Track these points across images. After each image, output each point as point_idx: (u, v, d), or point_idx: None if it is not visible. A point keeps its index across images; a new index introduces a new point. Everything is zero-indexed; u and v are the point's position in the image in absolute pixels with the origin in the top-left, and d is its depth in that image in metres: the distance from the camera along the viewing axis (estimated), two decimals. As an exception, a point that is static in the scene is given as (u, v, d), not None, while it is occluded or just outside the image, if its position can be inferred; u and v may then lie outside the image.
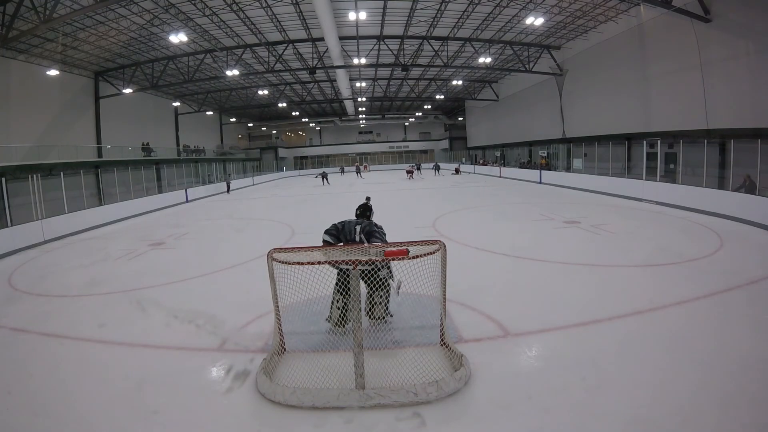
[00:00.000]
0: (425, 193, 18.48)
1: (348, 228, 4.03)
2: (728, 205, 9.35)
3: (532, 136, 25.46)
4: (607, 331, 3.89)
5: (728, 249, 6.68)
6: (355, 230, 4.00)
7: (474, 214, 11.88)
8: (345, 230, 4.03)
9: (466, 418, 2.74)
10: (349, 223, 4.07)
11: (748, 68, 11.07)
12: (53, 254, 9.05)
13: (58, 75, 16.63)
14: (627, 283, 5.25)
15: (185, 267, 7.06)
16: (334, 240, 4.03)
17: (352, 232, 4.00)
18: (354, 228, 4.01)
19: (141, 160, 21.62)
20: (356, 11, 14.74)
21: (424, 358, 3.20)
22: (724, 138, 11.53)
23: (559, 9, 15.41)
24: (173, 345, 3.99)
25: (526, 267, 6.18)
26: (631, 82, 15.88)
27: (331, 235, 4.04)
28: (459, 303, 4.58)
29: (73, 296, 5.80)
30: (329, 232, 4.06)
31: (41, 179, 11.45)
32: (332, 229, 4.07)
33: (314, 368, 3.16)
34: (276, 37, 18.29)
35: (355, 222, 4.09)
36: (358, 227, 4.01)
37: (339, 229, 4.04)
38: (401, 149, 47.40)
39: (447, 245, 3.29)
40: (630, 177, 14.75)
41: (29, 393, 3.24)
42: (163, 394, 3.14)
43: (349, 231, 4.01)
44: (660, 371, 3.15)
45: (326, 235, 4.06)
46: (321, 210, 14.14)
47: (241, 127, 43.27)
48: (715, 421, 2.59)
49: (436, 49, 19.43)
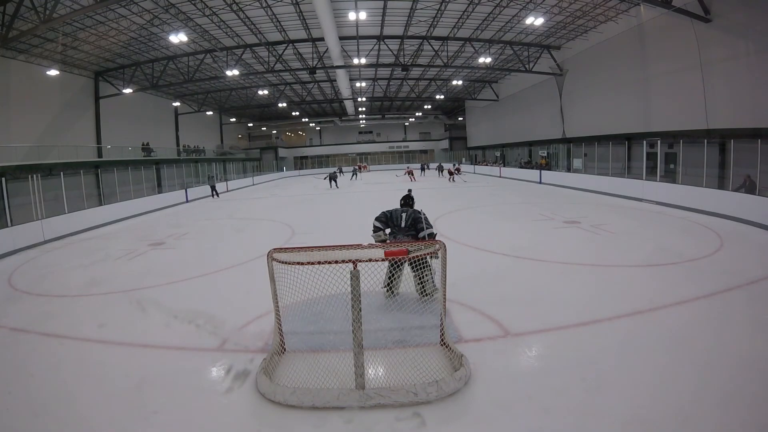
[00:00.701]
0: (425, 193, 18.47)
1: (395, 215, 4.70)
2: (728, 205, 9.35)
3: (532, 136, 25.46)
4: (607, 331, 3.89)
5: (728, 249, 6.68)
6: (401, 217, 4.66)
7: (474, 214, 11.87)
8: (393, 217, 4.69)
9: (466, 418, 2.74)
10: (396, 211, 4.74)
11: (748, 68, 11.07)
12: (53, 254, 9.05)
13: (58, 75, 16.63)
14: (627, 283, 5.25)
15: (185, 267, 7.06)
16: (383, 225, 4.71)
17: (398, 218, 4.66)
18: (401, 215, 4.68)
19: (141, 160, 21.61)
20: (356, 11, 14.75)
21: (424, 358, 3.20)
22: (724, 138, 11.54)
23: (559, 9, 15.41)
24: (173, 345, 3.99)
25: (526, 267, 6.18)
26: (631, 82, 15.88)
27: (380, 221, 4.71)
28: (459, 303, 4.58)
29: (73, 296, 5.80)
30: (379, 219, 4.72)
31: (41, 179, 11.45)
32: (381, 216, 4.73)
33: (314, 368, 3.16)
34: (276, 37, 18.29)
35: (401, 210, 4.76)
36: (404, 214, 4.67)
37: (388, 216, 4.71)
38: (401, 149, 47.41)
39: (447, 245, 3.30)
40: (630, 177, 14.75)
41: (29, 393, 3.24)
42: (163, 394, 3.14)
43: (396, 218, 4.68)
44: (660, 371, 3.15)
45: (376, 221, 4.72)
46: (321, 210, 14.15)
47: (241, 127, 43.27)
48: (715, 421, 2.59)
49: (436, 49, 19.43)
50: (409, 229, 4.58)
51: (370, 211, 4.59)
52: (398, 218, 4.64)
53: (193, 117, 30.04)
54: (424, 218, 4.57)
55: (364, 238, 4.97)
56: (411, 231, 4.59)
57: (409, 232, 4.59)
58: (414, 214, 4.62)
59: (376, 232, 4.70)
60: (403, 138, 48.33)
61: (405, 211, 4.70)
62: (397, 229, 4.63)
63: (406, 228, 4.57)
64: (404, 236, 4.58)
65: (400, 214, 4.66)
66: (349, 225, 10.55)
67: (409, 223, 4.58)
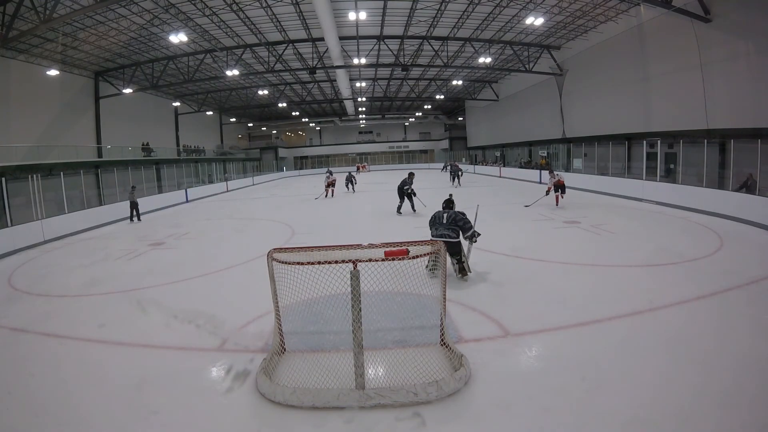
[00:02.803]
0: (425, 194, 18.44)
1: (438, 215, 5.64)
2: (728, 205, 9.35)
3: (532, 136, 25.45)
4: (607, 331, 3.89)
5: (728, 249, 6.68)
6: (443, 216, 5.56)
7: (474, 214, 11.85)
8: (436, 216, 5.65)
9: (466, 418, 2.74)
10: (440, 212, 5.67)
11: (748, 68, 11.07)
12: (53, 254, 9.05)
13: (58, 75, 16.61)
14: (627, 283, 5.25)
15: (185, 267, 7.06)
16: (430, 225, 5.72)
17: (441, 218, 5.57)
18: (443, 215, 5.58)
19: (141, 160, 21.61)
20: (356, 11, 14.73)
21: (424, 358, 3.20)
22: (724, 138, 11.53)
23: (559, 9, 15.40)
24: (173, 345, 3.99)
25: (526, 267, 6.18)
26: (631, 82, 15.87)
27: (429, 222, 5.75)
28: (459, 303, 4.59)
29: (73, 296, 5.81)
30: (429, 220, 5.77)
31: (41, 179, 11.45)
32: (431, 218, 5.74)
33: (314, 368, 3.16)
34: (276, 37, 18.29)
35: (443, 211, 5.66)
36: (446, 214, 5.57)
37: (433, 217, 5.70)
38: (401, 149, 47.36)
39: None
40: (630, 177, 14.75)
41: (29, 393, 3.24)
42: (163, 394, 3.14)
43: (438, 217, 5.61)
44: (660, 371, 3.15)
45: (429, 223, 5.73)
46: (321, 210, 14.14)
47: (241, 127, 43.25)
48: (715, 421, 2.59)
49: (436, 49, 19.42)
50: (450, 225, 5.45)
51: (371, 211, 4.57)
52: (441, 217, 5.58)
53: (193, 117, 30.03)
54: (464, 217, 5.49)
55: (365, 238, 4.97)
56: (452, 226, 5.45)
57: (450, 226, 5.45)
58: (454, 214, 5.53)
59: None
60: (403, 138, 48.27)
61: (446, 212, 5.63)
62: (439, 224, 5.55)
63: (447, 224, 5.47)
64: (445, 230, 5.45)
65: (442, 214, 5.61)
66: (349, 225, 10.56)
67: (450, 220, 5.47)
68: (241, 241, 9.38)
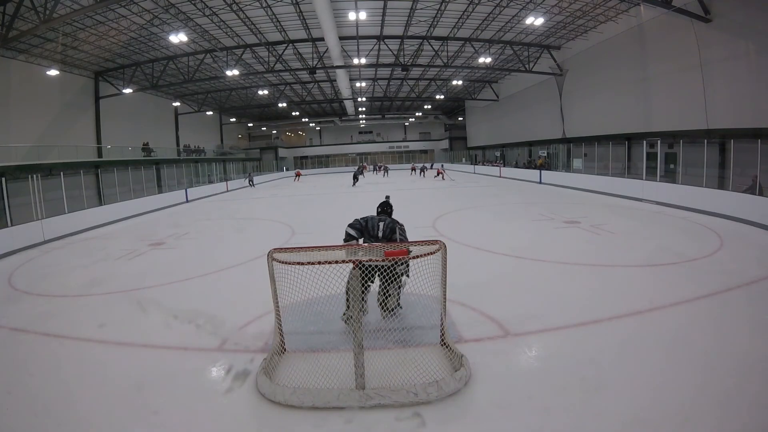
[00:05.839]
0: (425, 193, 18.48)
1: (371, 224, 4.23)
2: (728, 205, 9.34)
3: (532, 136, 25.45)
4: (607, 331, 3.89)
5: (728, 249, 6.68)
6: (378, 227, 4.20)
7: (474, 214, 11.88)
8: (368, 226, 4.22)
9: (466, 418, 2.74)
10: (372, 219, 4.27)
11: (748, 68, 11.07)
12: (53, 254, 9.05)
13: (58, 75, 16.62)
14: (627, 283, 5.25)
15: (185, 267, 7.06)
16: (358, 234, 4.19)
17: (375, 228, 4.21)
18: (377, 224, 4.22)
19: (141, 160, 21.60)
20: (356, 11, 14.73)
21: (424, 358, 3.20)
22: (724, 138, 11.53)
23: (559, 9, 15.41)
24: (173, 345, 3.99)
25: (527, 267, 6.18)
26: (631, 82, 15.88)
27: (355, 230, 4.20)
28: (459, 303, 4.58)
29: (73, 296, 5.80)
30: (353, 227, 4.21)
31: (41, 179, 11.44)
32: (356, 224, 4.23)
33: (314, 368, 3.16)
34: (276, 37, 18.29)
35: (377, 219, 4.29)
36: (381, 224, 4.22)
37: (363, 225, 4.23)
38: (401, 149, 47.37)
39: (447, 245, 3.29)
40: (630, 177, 14.74)
41: (29, 393, 3.24)
42: (163, 394, 3.14)
43: (372, 227, 4.21)
44: (660, 371, 3.15)
45: (350, 228, 4.21)
46: (321, 210, 14.14)
47: (241, 127, 43.26)
48: (715, 421, 2.59)
49: (436, 49, 19.42)
50: (386, 239, 4.15)
51: (371, 211, 4.56)
52: (374, 227, 4.19)
53: (193, 117, 30.03)
54: (402, 229, 4.21)
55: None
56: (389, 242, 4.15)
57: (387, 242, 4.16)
58: (391, 224, 4.20)
59: (349, 241, 4.14)
60: (403, 138, 48.29)
61: (383, 220, 4.25)
62: (373, 240, 4.17)
63: (383, 238, 4.14)
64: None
65: (377, 222, 4.22)
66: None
67: (387, 233, 4.15)
68: (241, 241, 9.38)
